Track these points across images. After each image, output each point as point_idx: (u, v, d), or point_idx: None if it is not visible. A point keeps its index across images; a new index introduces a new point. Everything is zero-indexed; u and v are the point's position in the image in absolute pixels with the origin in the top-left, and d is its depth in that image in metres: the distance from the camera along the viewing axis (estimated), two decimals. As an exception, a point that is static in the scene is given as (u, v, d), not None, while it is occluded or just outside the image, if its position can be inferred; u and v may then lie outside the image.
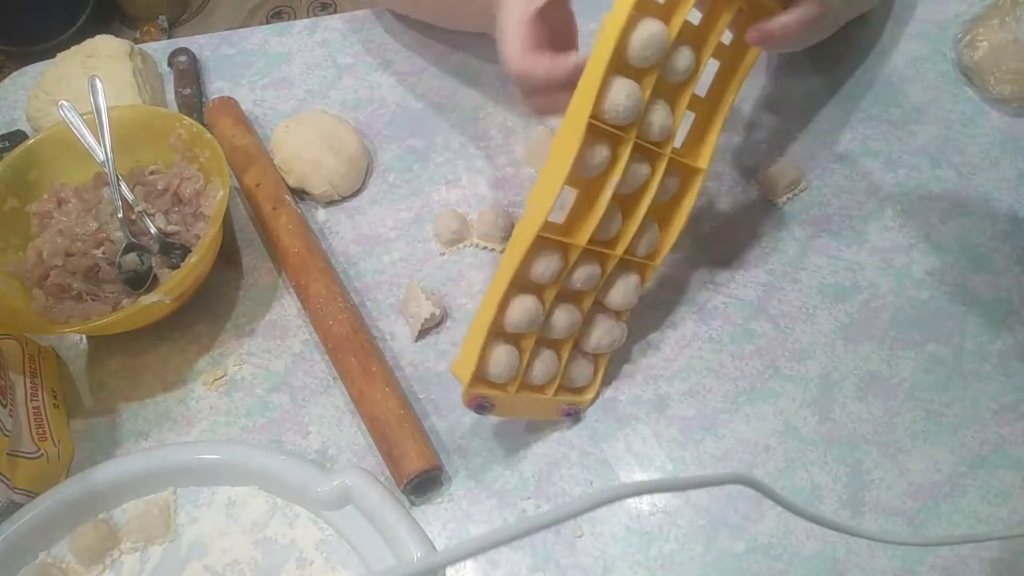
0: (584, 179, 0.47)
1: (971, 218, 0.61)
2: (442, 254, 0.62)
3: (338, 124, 0.66)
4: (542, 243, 0.46)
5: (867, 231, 0.61)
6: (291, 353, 0.59)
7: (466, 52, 0.74)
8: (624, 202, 0.50)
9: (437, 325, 0.59)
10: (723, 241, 0.61)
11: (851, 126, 0.67)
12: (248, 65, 0.76)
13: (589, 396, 0.54)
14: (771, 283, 0.59)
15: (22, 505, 0.50)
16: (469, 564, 0.50)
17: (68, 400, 0.57)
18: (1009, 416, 0.52)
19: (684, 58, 0.47)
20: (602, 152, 0.45)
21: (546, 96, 0.49)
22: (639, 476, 0.52)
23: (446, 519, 0.51)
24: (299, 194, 0.66)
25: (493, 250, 0.62)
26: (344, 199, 0.66)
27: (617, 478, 0.52)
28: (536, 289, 0.48)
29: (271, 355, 0.59)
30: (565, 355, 0.52)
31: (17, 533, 0.49)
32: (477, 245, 0.62)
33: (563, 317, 0.50)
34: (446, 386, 0.56)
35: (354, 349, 0.55)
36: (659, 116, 0.47)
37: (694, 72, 0.48)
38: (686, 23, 0.46)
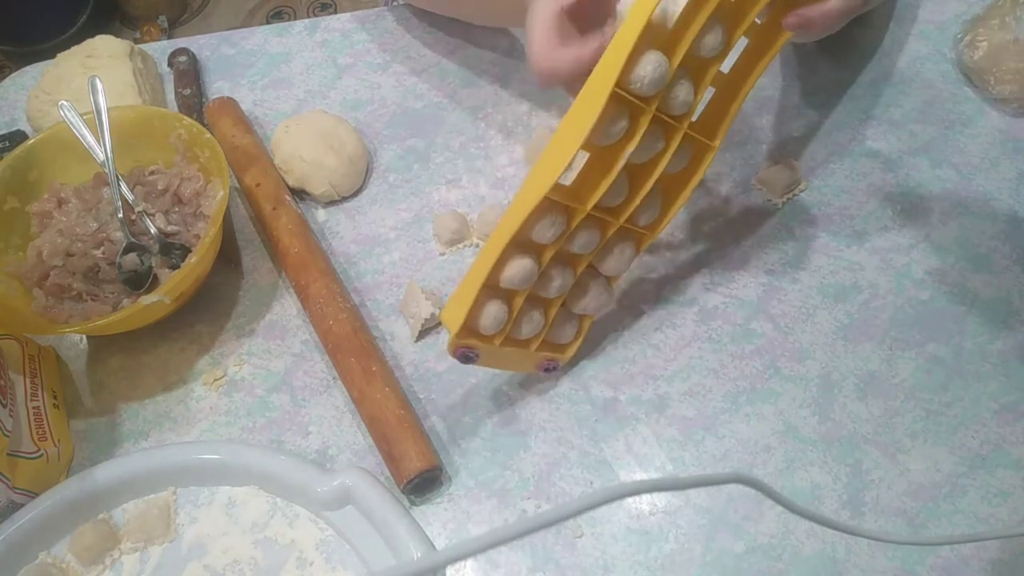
0: (598, 145, 0.47)
1: (971, 218, 0.61)
2: (442, 254, 0.62)
3: (338, 124, 0.66)
4: (547, 205, 0.45)
5: (867, 231, 0.61)
6: (291, 353, 0.59)
7: (466, 53, 0.74)
8: (633, 171, 0.49)
9: (437, 325, 0.59)
10: (723, 241, 0.61)
11: (851, 126, 0.67)
12: (248, 65, 0.76)
13: (569, 353, 0.55)
14: (771, 283, 0.59)
15: (22, 505, 0.50)
16: (469, 564, 0.50)
17: (68, 400, 0.57)
18: (1009, 416, 0.52)
19: (715, 35, 0.46)
20: (621, 121, 0.45)
21: (574, 84, 0.48)
22: (639, 476, 0.52)
23: (446, 519, 0.51)
24: (299, 194, 0.66)
25: (493, 250, 0.62)
26: (344, 199, 0.66)
27: (617, 478, 0.52)
28: (535, 249, 0.48)
29: (271, 355, 0.59)
30: (552, 313, 0.52)
31: (17, 533, 0.49)
32: (477, 245, 0.62)
33: (557, 278, 0.50)
34: (446, 386, 0.56)
35: (354, 349, 0.55)
36: (682, 90, 0.46)
37: (723, 50, 0.48)
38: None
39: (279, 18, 2.04)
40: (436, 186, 0.66)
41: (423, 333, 0.58)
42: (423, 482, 0.50)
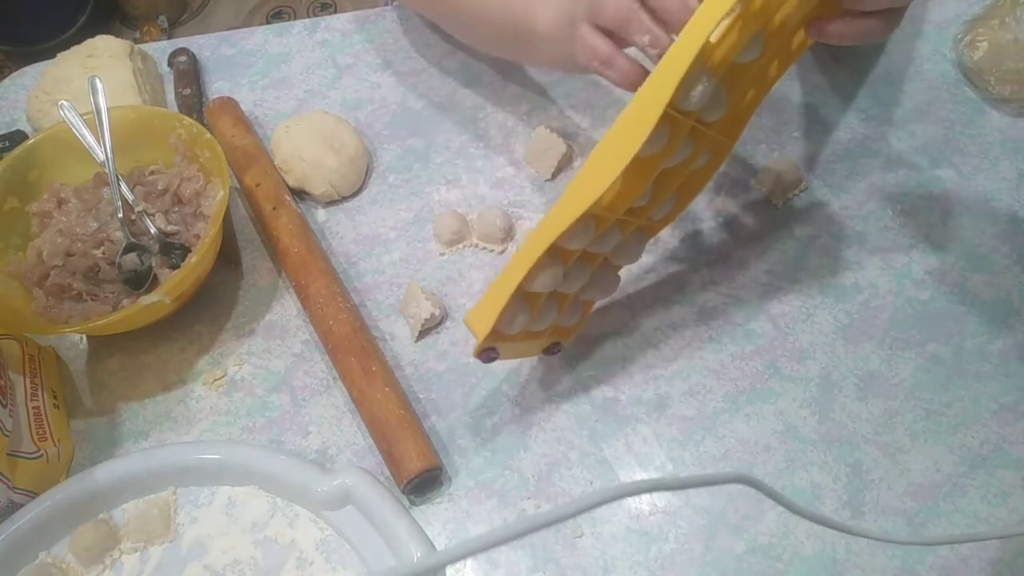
0: (638, 157, 0.46)
1: (971, 218, 0.61)
2: (442, 254, 0.62)
3: (338, 124, 0.66)
4: (584, 216, 0.46)
5: (867, 231, 0.61)
6: (291, 353, 0.59)
7: (466, 53, 0.74)
8: (659, 174, 0.50)
9: (437, 325, 0.59)
10: (723, 241, 0.61)
11: (851, 126, 0.67)
12: (248, 65, 0.76)
13: (571, 336, 0.56)
14: (771, 283, 0.59)
15: (22, 505, 0.50)
16: (469, 564, 0.50)
17: (68, 400, 0.57)
18: (1009, 416, 0.52)
19: (755, 45, 0.46)
20: (663, 136, 0.46)
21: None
22: (639, 476, 0.52)
23: (446, 519, 0.51)
24: (299, 194, 0.66)
25: (493, 250, 0.62)
26: (344, 199, 0.66)
27: (617, 478, 0.52)
28: (563, 255, 0.49)
29: (271, 355, 0.59)
30: (566, 304, 0.53)
31: (17, 533, 0.49)
32: (477, 245, 0.62)
33: (578, 276, 0.51)
34: (446, 386, 0.56)
35: (354, 349, 0.55)
36: (718, 100, 0.47)
37: (757, 59, 0.48)
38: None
39: (279, 18, 2.04)
40: (436, 186, 0.66)
41: (423, 333, 0.58)
42: (423, 482, 0.50)
